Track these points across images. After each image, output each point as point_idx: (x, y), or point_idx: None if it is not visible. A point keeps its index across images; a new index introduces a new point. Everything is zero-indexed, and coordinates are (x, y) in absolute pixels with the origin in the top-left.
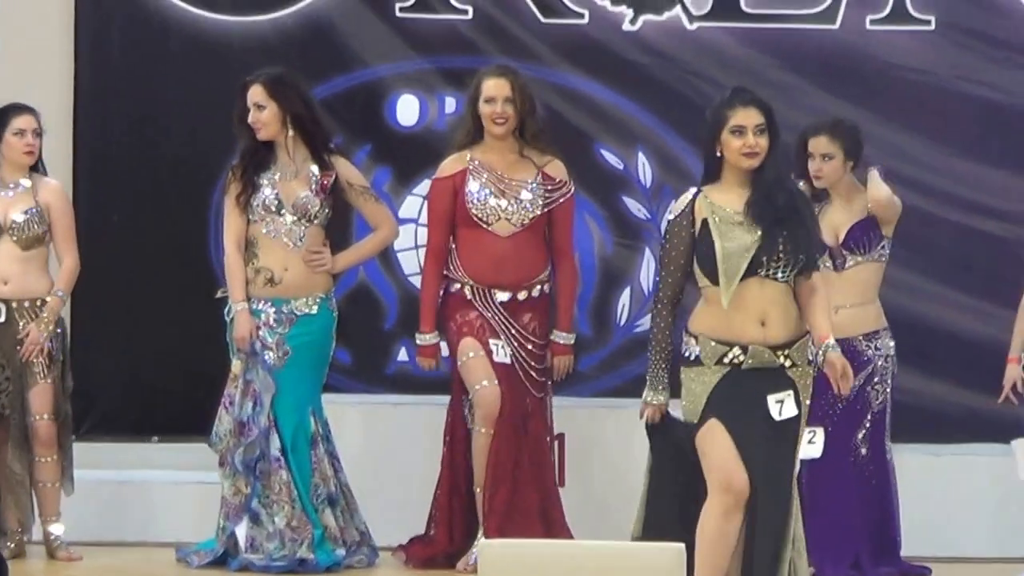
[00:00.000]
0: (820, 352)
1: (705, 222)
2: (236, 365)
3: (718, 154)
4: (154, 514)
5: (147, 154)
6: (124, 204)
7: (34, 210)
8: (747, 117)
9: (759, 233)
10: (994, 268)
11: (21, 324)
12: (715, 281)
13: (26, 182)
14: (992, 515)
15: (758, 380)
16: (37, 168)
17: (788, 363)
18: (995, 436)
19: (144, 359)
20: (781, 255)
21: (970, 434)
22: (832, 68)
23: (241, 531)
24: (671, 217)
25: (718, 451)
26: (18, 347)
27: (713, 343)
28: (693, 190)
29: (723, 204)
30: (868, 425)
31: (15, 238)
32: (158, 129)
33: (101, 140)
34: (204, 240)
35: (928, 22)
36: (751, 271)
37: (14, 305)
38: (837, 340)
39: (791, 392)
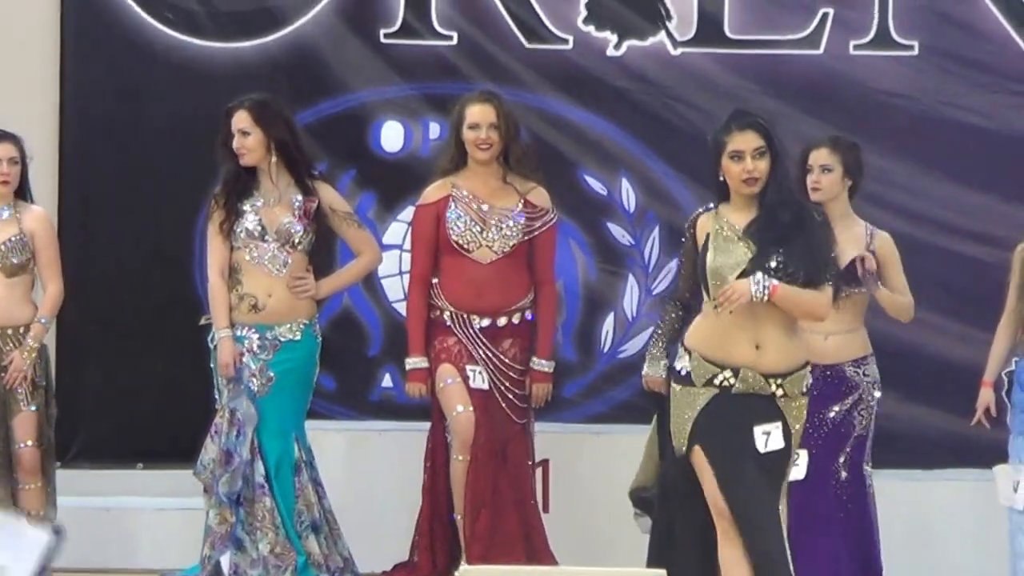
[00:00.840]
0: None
1: (708, 236)
2: (224, 388)
3: (721, 179)
4: (138, 541)
5: (132, 180)
6: (109, 230)
7: (17, 237)
8: (744, 141)
9: (753, 251)
10: (978, 292)
11: (4, 351)
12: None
13: (9, 209)
14: (974, 540)
15: (746, 408)
16: (24, 195)
17: (780, 392)
18: (977, 461)
19: (128, 386)
20: (775, 272)
21: (952, 459)
22: (816, 93)
23: (225, 559)
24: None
25: (707, 478)
26: (1, 374)
27: (704, 362)
28: (711, 206)
29: (733, 221)
30: (849, 449)
31: None
32: (144, 155)
33: (87, 166)
34: (189, 267)
35: (911, 47)
36: None
37: None
38: (826, 368)
39: (779, 424)
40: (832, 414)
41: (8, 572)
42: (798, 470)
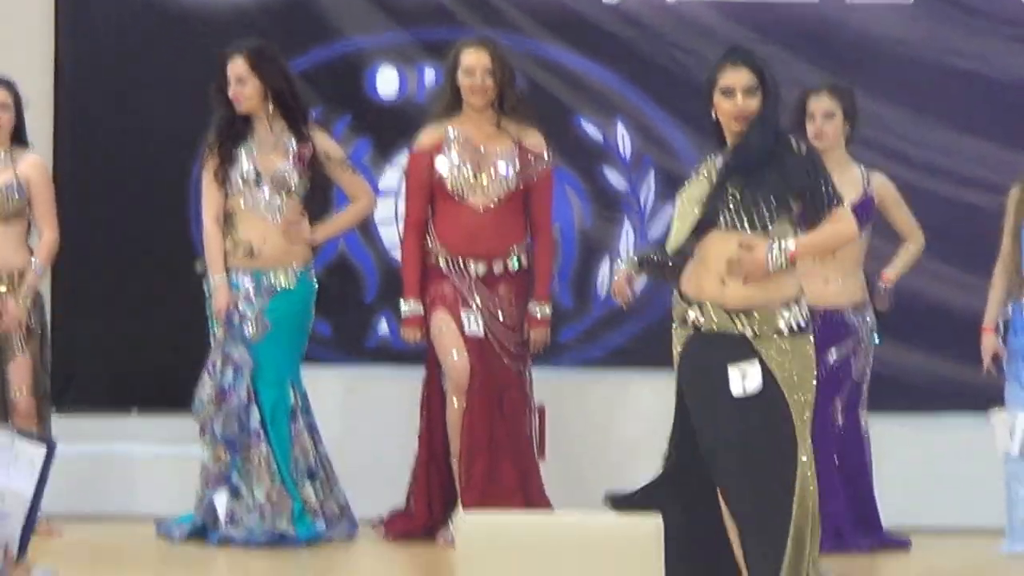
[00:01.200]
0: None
1: None
2: (220, 331)
3: (714, 117)
4: (133, 487)
5: (127, 128)
6: (103, 178)
7: (13, 182)
8: (736, 78)
9: (713, 185)
10: (975, 238)
11: (0, 297)
12: None
13: (5, 155)
14: (971, 486)
15: (720, 349)
16: (23, 140)
17: (750, 332)
18: (975, 407)
19: (123, 332)
20: (735, 205)
21: (950, 405)
22: (813, 41)
23: (221, 504)
24: None
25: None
26: None
27: (680, 300)
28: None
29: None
30: (845, 394)
31: None
32: (138, 104)
33: (81, 115)
34: (184, 214)
35: None
36: (711, 223)
37: None
38: (826, 311)
39: (755, 363)
40: (831, 358)
41: (10, 489)
42: None
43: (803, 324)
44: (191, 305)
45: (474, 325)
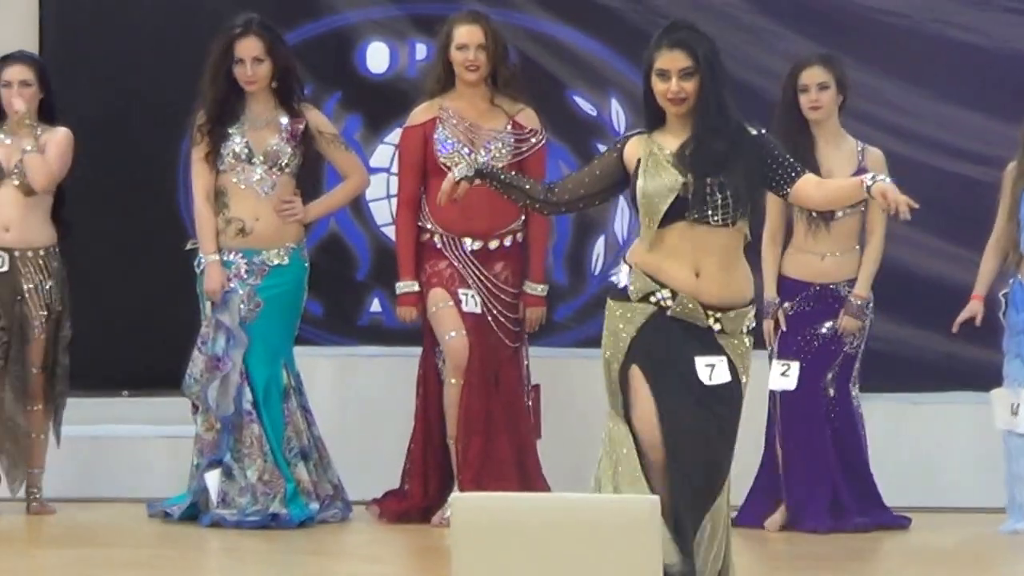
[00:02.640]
0: (867, 187)
1: (639, 162)
2: (208, 307)
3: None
4: (124, 469)
5: (115, 105)
6: (93, 155)
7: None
8: (672, 60)
9: (688, 176)
10: (973, 212)
11: (23, 274)
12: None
13: (31, 130)
14: (971, 464)
15: (686, 336)
16: (52, 116)
17: (718, 328)
18: (974, 384)
19: (114, 313)
20: (711, 200)
21: (948, 382)
22: (807, 12)
23: (213, 484)
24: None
25: (642, 398)
26: (18, 298)
27: (644, 276)
28: (641, 130)
29: (664, 145)
30: (837, 367)
31: (17, 182)
32: (127, 80)
33: (69, 92)
34: (173, 193)
35: None
36: (677, 215)
37: (16, 254)
38: (822, 286)
39: (723, 359)
40: (824, 330)
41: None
42: (788, 380)
43: (753, 327)
44: (182, 285)
45: (471, 303)
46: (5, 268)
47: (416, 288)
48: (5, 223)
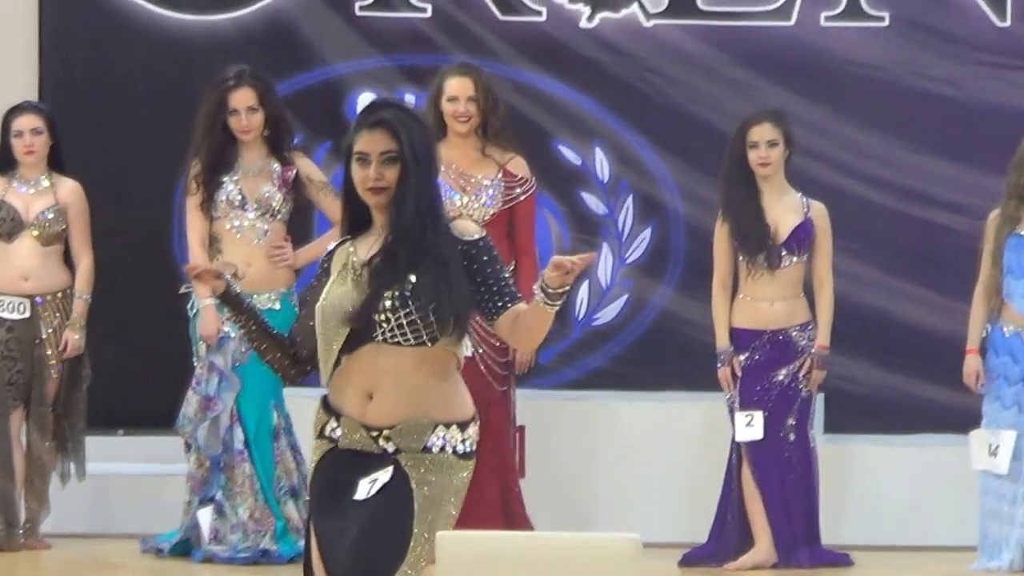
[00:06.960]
0: (539, 293)
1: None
2: (202, 348)
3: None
4: (119, 506)
5: (111, 152)
6: (89, 200)
7: (54, 208)
8: (372, 142)
9: (365, 291)
10: (949, 261)
11: (43, 317)
12: None
13: (45, 180)
14: (947, 505)
15: (356, 468)
16: (62, 165)
17: (392, 448)
18: (949, 427)
19: (109, 353)
20: (391, 317)
21: (924, 425)
22: (788, 65)
23: (205, 522)
24: None
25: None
26: (37, 341)
27: (322, 408)
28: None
29: (360, 250)
30: (795, 413)
31: (36, 233)
32: (122, 128)
33: (65, 138)
34: (168, 236)
35: (882, 18)
36: (368, 335)
37: (37, 300)
38: (773, 332)
39: (390, 469)
40: (780, 376)
41: None
42: (755, 431)
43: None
44: (176, 326)
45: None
46: (27, 315)
47: None
48: (24, 273)
